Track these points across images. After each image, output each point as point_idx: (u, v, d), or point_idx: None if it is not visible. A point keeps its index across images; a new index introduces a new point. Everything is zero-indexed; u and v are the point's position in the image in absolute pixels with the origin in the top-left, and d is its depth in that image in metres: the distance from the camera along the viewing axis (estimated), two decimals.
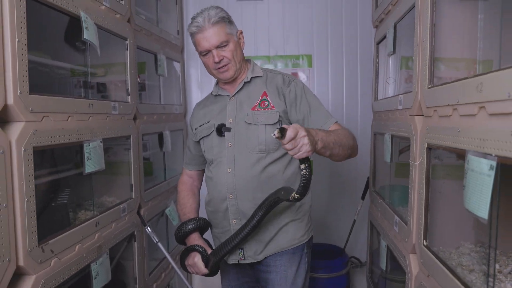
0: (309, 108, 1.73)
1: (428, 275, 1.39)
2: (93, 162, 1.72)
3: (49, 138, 1.43)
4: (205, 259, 1.73)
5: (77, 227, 1.61)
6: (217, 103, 1.86)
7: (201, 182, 2.04)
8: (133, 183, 2.19)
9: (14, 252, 1.25)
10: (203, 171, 1.99)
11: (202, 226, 1.84)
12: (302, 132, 1.31)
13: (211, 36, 1.68)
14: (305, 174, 1.33)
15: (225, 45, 1.71)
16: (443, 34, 1.50)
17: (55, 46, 1.91)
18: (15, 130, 1.28)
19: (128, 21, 2.20)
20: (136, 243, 2.21)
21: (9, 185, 1.24)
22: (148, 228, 2.21)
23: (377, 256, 2.46)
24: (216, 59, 1.70)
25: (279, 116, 1.72)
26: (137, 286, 2.20)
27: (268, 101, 1.75)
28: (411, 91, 1.65)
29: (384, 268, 2.07)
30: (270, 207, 1.58)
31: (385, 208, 2.10)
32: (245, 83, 1.80)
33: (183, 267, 1.84)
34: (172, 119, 2.95)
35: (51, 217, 1.62)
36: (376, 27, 2.60)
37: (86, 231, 1.67)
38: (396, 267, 2.17)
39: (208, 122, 1.83)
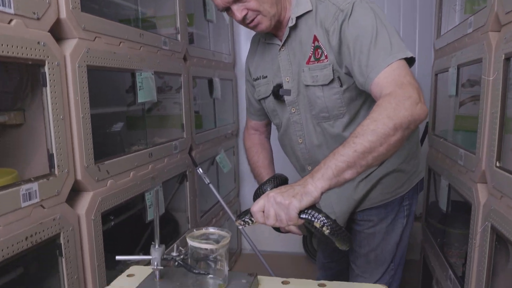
0: (353, 50, 1.22)
1: (501, 196, 1.28)
2: (144, 92, 1.71)
3: (101, 59, 1.42)
4: None
5: (131, 154, 1.63)
6: (268, 51, 1.50)
7: (270, 131, 1.75)
8: (184, 122, 2.17)
9: (72, 165, 1.27)
10: (270, 121, 1.69)
11: (280, 184, 1.55)
12: (269, 195, 1.01)
13: None
14: (332, 228, 0.98)
15: None
16: None
17: None
18: (69, 45, 1.29)
19: None
20: (188, 183, 2.21)
21: (65, 98, 1.24)
22: (200, 169, 2.21)
23: (433, 207, 2.35)
24: (239, 17, 1.28)
25: (333, 70, 1.31)
26: (189, 225, 2.22)
27: (321, 49, 1.33)
28: (485, 6, 1.49)
29: (444, 208, 1.96)
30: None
31: (448, 146, 1.97)
32: (290, 28, 1.38)
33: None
34: (222, 67, 2.90)
35: (106, 141, 1.64)
36: None
37: (140, 160, 1.68)
38: (455, 216, 2.06)
39: (265, 77, 1.51)
